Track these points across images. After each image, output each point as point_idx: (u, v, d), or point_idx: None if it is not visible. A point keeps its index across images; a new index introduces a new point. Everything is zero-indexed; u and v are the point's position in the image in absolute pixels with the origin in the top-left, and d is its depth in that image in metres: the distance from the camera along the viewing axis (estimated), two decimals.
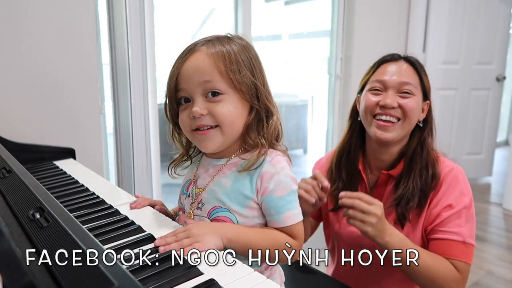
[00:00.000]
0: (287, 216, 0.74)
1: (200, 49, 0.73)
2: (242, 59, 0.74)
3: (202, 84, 0.72)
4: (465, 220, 0.96)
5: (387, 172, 1.04)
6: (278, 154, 0.77)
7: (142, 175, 1.92)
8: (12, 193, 0.77)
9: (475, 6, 3.21)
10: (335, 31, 2.83)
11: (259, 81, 0.75)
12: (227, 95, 0.72)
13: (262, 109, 0.76)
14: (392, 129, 0.99)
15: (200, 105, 0.72)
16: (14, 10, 1.51)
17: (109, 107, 1.92)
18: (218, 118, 0.72)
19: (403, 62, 1.03)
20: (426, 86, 1.03)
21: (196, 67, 0.72)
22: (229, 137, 0.75)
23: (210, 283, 0.56)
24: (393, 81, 1.00)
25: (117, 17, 1.82)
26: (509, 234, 2.58)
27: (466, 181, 1.01)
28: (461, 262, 0.95)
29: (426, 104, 1.04)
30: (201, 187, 0.80)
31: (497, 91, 3.44)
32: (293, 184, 0.76)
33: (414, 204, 0.98)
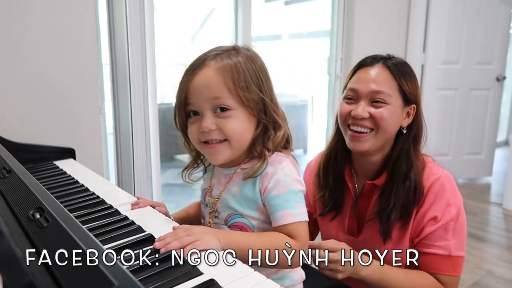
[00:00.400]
0: (284, 215, 0.74)
1: (209, 64, 0.74)
2: (250, 74, 0.75)
3: (212, 100, 0.74)
4: (452, 233, 0.93)
5: (372, 182, 1.00)
6: (279, 155, 0.79)
7: (142, 175, 1.92)
8: (12, 193, 0.77)
9: (475, 6, 3.21)
10: (335, 31, 2.83)
11: (266, 95, 0.77)
12: (235, 111, 0.74)
13: (269, 123, 0.78)
14: (365, 139, 0.95)
15: (209, 120, 0.74)
16: (14, 10, 1.51)
17: (109, 107, 1.92)
18: (227, 133, 0.75)
19: (380, 66, 0.96)
20: (407, 90, 0.95)
21: (206, 83, 0.74)
22: (237, 150, 0.78)
23: (210, 283, 0.56)
24: (365, 90, 0.95)
25: (117, 17, 1.82)
26: (509, 234, 2.58)
27: (454, 189, 0.96)
28: (446, 276, 0.93)
29: (412, 108, 0.98)
30: (215, 196, 0.83)
31: (497, 91, 3.44)
32: (294, 184, 0.76)
33: (395, 219, 0.95)
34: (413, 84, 0.97)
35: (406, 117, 0.98)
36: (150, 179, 2.00)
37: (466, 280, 2.00)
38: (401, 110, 0.96)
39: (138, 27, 1.81)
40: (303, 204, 0.76)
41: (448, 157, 3.39)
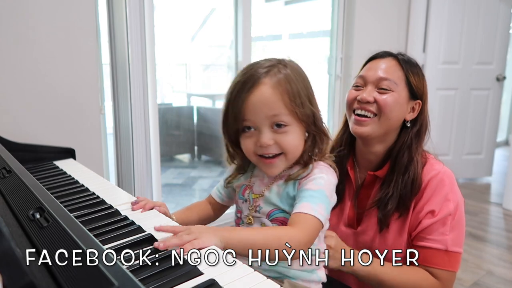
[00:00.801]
0: (303, 205, 0.76)
1: (264, 82, 0.77)
2: (302, 89, 0.79)
3: (270, 118, 0.78)
4: (450, 229, 0.93)
5: (373, 173, 1.03)
6: (321, 164, 0.83)
7: (142, 175, 1.92)
8: (12, 193, 0.77)
9: (475, 6, 3.21)
10: (335, 31, 2.83)
11: (316, 108, 0.81)
12: (291, 126, 0.79)
13: (318, 134, 0.83)
14: (367, 123, 0.98)
15: (267, 135, 0.78)
16: (14, 10, 1.51)
17: (109, 107, 1.92)
18: (284, 148, 0.79)
19: (391, 59, 1.01)
20: (414, 84, 0.99)
21: (264, 102, 0.77)
22: (291, 162, 0.83)
23: (210, 283, 0.56)
24: (372, 76, 0.99)
25: (117, 17, 1.82)
26: (509, 234, 2.58)
27: (453, 186, 0.97)
28: (442, 270, 0.93)
29: (417, 103, 1.01)
30: (257, 193, 0.87)
31: (497, 91, 3.44)
32: (326, 188, 0.79)
33: (392, 209, 0.97)
34: (420, 80, 1.01)
35: (410, 111, 1.01)
36: (150, 179, 2.00)
37: (466, 280, 2.00)
38: (406, 101, 0.99)
39: (138, 27, 1.81)
40: (325, 208, 0.77)
41: (448, 157, 3.39)
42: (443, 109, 3.31)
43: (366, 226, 1.03)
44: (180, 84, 5.39)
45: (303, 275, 0.83)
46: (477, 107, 3.39)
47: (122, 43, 1.83)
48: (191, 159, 4.46)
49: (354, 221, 1.07)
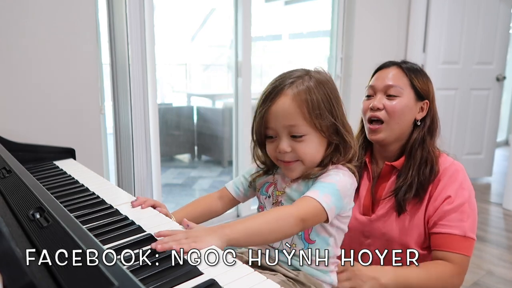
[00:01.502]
0: (310, 192, 0.79)
1: (287, 93, 0.82)
2: (323, 101, 0.82)
3: (288, 127, 0.82)
4: (467, 215, 1.00)
5: (390, 163, 1.11)
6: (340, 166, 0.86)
7: (142, 175, 1.92)
8: (12, 193, 0.77)
9: (475, 6, 3.21)
10: (335, 31, 2.83)
11: (338, 119, 0.85)
12: (308, 135, 0.83)
13: (340, 143, 0.86)
14: (380, 130, 1.09)
15: (285, 143, 0.83)
16: (14, 10, 1.51)
17: (109, 107, 1.92)
18: (300, 156, 0.84)
19: (394, 67, 1.12)
20: (419, 86, 1.09)
21: (283, 112, 0.82)
22: (310, 167, 0.86)
23: (210, 283, 0.56)
24: (380, 85, 1.10)
25: (117, 17, 1.82)
26: (509, 234, 2.58)
27: (466, 177, 1.06)
28: (459, 255, 0.99)
29: (425, 103, 1.10)
30: (280, 190, 0.91)
31: (497, 91, 3.44)
32: (340, 184, 0.82)
33: (411, 195, 1.05)
34: (424, 82, 1.11)
35: (420, 111, 1.10)
36: (150, 179, 2.00)
37: (466, 280, 1.99)
38: (414, 103, 1.09)
39: (138, 27, 1.80)
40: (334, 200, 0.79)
41: (450, 156, 3.38)
42: (443, 109, 3.31)
43: (382, 214, 1.11)
44: (180, 84, 5.39)
45: (317, 274, 0.86)
46: (477, 107, 3.39)
47: (122, 43, 1.83)
48: (191, 159, 4.46)
49: (370, 208, 1.14)
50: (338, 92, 0.88)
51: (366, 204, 1.15)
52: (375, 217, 1.12)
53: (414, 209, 1.06)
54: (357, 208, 1.16)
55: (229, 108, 3.95)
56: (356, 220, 1.14)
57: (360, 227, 1.13)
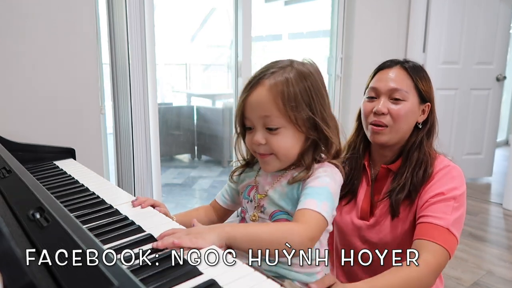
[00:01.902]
0: (308, 202, 0.76)
1: (264, 83, 0.80)
2: (302, 94, 0.79)
3: (263, 118, 0.80)
4: (452, 209, 0.96)
5: (387, 166, 1.09)
6: (326, 164, 0.84)
7: (142, 175, 1.92)
8: (12, 193, 0.77)
9: (475, 6, 3.21)
10: (335, 31, 2.83)
11: (317, 113, 0.81)
12: (284, 128, 0.80)
13: (320, 138, 0.82)
14: (384, 133, 1.05)
15: (260, 135, 0.81)
16: (14, 10, 1.51)
17: (109, 107, 1.92)
18: (274, 149, 0.81)
19: (398, 68, 1.07)
20: (423, 89, 1.06)
21: (258, 102, 0.80)
22: (285, 162, 0.84)
23: (210, 283, 0.55)
24: (384, 88, 1.05)
25: (117, 17, 1.82)
26: (509, 234, 2.58)
27: (461, 178, 1.03)
28: (439, 246, 0.91)
29: (427, 106, 1.08)
30: (262, 193, 0.88)
31: (497, 91, 3.44)
32: (331, 185, 0.80)
33: (403, 195, 1.02)
34: (427, 84, 1.08)
35: (421, 114, 1.08)
36: (150, 179, 2.00)
37: (466, 280, 2.00)
38: (418, 107, 1.06)
39: (138, 27, 1.80)
40: (330, 206, 0.77)
41: (448, 157, 3.38)
42: (443, 109, 3.31)
43: (379, 217, 1.07)
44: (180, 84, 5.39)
45: (303, 278, 0.83)
46: (477, 107, 3.39)
47: (122, 43, 1.83)
48: (191, 159, 4.46)
49: (367, 213, 1.11)
50: (322, 86, 0.84)
51: (364, 208, 1.11)
52: (372, 222, 1.08)
53: (405, 212, 1.03)
54: (355, 212, 1.12)
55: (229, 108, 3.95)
56: (353, 225, 1.11)
57: (357, 232, 1.10)
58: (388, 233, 1.05)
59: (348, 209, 1.14)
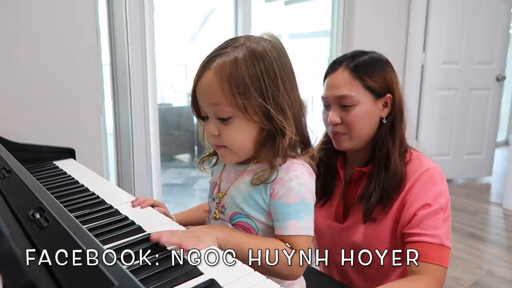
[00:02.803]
0: (291, 225, 0.70)
1: (211, 67, 0.71)
2: (251, 77, 0.69)
3: (212, 106, 0.72)
4: (442, 221, 0.92)
5: (360, 169, 1.03)
6: (295, 163, 0.75)
7: (142, 175, 1.92)
8: (12, 193, 0.77)
9: (475, 6, 3.21)
10: (335, 31, 2.83)
11: (269, 101, 0.70)
12: (235, 118, 0.71)
13: (276, 128, 0.72)
14: (343, 139, 1.01)
15: (212, 125, 0.73)
16: (14, 10, 1.51)
17: (109, 107, 1.92)
18: (225, 142, 0.74)
19: (342, 70, 0.99)
20: (374, 86, 0.98)
21: (206, 89, 0.71)
22: (241, 155, 0.76)
23: (210, 283, 0.56)
24: (331, 97, 1.00)
25: (117, 17, 1.82)
26: (509, 234, 2.58)
27: (443, 181, 0.97)
28: (437, 266, 0.90)
29: (387, 98, 0.99)
30: (223, 191, 0.81)
31: (497, 91, 3.44)
32: (307, 195, 0.73)
33: (375, 202, 0.97)
34: (379, 78, 0.99)
35: (384, 107, 1.00)
36: (150, 179, 2.00)
37: (466, 280, 2.00)
38: (374, 105, 0.99)
39: (138, 27, 1.81)
40: (312, 218, 0.73)
41: (448, 157, 3.38)
42: (443, 109, 3.31)
43: (353, 221, 1.04)
44: (180, 84, 5.39)
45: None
46: (477, 107, 3.39)
47: (122, 43, 1.83)
48: (191, 159, 4.46)
49: (341, 216, 1.07)
50: (281, 67, 0.73)
51: (338, 211, 1.08)
52: (347, 225, 1.05)
53: (381, 215, 0.98)
54: (329, 215, 1.09)
55: None
56: (330, 227, 1.08)
57: (331, 234, 1.07)
58: (362, 236, 1.01)
59: (322, 213, 1.11)
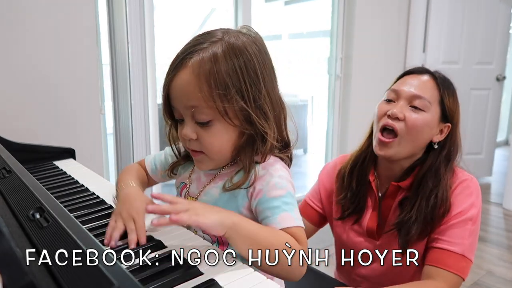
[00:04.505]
0: (283, 218, 0.67)
1: (187, 65, 0.65)
2: (231, 77, 0.64)
3: (190, 108, 0.67)
4: (469, 233, 0.91)
5: (397, 183, 0.99)
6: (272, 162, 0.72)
7: None
8: (12, 193, 0.77)
9: (475, 6, 3.21)
10: (335, 31, 2.83)
11: (250, 104, 0.66)
12: (214, 121, 0.67)
13: (256, 133, 0.69)
14: (391, 145, 0.95)
15: (190, 129, 0.68)
16: (14, 10, 1.51)
17: (109, 107, 1.92)
18: (205, 147, 0.69)
19: (427, 76, 0.98)
20: (448, 106, 0.96)
21: (182, 90, 0.66)
22: (218, 161, 0.73)
23: (210, 283, 0.56)
24: (406, 92, 0.96)
25: (117, 17, 1.82)
26: (509, 234, 2.58)
27: (478, 193, 0.95)
28: (453, 275, 0.88)
29: (446, 126, 0.98)
30: (193, 195, 0.77)
31: (497, 91, 3.44)
32: (290, 187, 0.70)
33: (416, 234, 0.92)
34: (454, 103, 0.98)
35: (438, 133, 0.98)
36: None
37: (466, 280, 2.00)
38: (437, 123, 0.97)
39: (138, 27, 1.80)
40: (298, 210, 0.70)
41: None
42: None
43: (387, 242, 0.99)
44: None
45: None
46: (477, 107, 3.39)
47: (122, 43, 1.83)
48: None
49: (375, 232, 1.03)
50: (261, 64, 0.68)
51: (371, 227, 1.03)
52: (381, 243, 1.00)
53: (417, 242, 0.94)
54: (362, 231, 1.04)
55: None
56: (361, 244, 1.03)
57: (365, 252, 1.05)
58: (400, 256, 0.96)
59: (355, 228, 1.06)
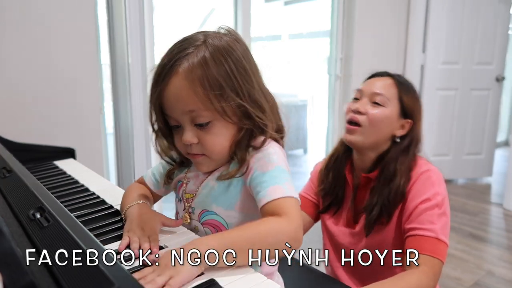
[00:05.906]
0: (272, 190, 0.65)
1: (178, 72, 0.66)
2: (224, 77, 0.66)
3: (187, 114, 0.68)
4: (437, 217, 0.98)
5: (366, 175, 1.10)
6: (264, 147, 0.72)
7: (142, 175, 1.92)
8: (12, 193, 0.77)
9: (474, 6, 3.21)
10: (335, 31, 2.83)
11: (245, 98, 0.68)
12: (214, 121, 0.68)
13: (255, 126, 0.71)
14: (356, 132, 1.07)
15: (190, 133, 0.69)
16: (14, 11, 1.51)
17: (109, 107, 1.92)
18: (207, 148, 0.70)
19: (387, 78, 1.11)
20: (406, 103, 1.07)
21: (177, 96, 0.67)
22: (219, 161, 0.74)
23: (210, 283, 0.56)
24: (367, 90, 1.09)
25: (116, 17, 1.82)
26: (509, 234, 2.58)
27: (441, 182, 1.03)
28: (430, 257, 0.94)
29: (407, 122, 1.08)
30: (190, 192, 0.78)
31: (497, 91, 3.44)
32: (280, 162, 0.69)
33: (375, 216, 1.04)
34: (413, 101, 1.10)
35: (400, 128, 1.09)
36: None
37: (466, 280, 2.00)
38: (396, 118, 1.08)
39: (138, 27, 1.81)
40: (292, 184, 0.68)
41: (448, 157, 3.38)
42: (443, 109, 3.31)
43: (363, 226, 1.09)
44: None
45: None
46: (477, 107, 3.39)
47: (121, 44, 1.83)
48: None
49: (351, 221, 1.13)
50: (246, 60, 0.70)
51: (349, 217, 1.14)
52: (358, 229, 1.10)
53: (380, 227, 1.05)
54: (342, 221, 1.15)
55: None
56: (341, 232, 1.14)
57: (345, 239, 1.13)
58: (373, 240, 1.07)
59: (335, 218, 1.17)
